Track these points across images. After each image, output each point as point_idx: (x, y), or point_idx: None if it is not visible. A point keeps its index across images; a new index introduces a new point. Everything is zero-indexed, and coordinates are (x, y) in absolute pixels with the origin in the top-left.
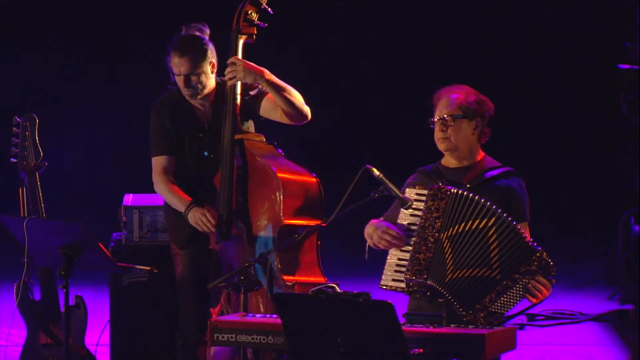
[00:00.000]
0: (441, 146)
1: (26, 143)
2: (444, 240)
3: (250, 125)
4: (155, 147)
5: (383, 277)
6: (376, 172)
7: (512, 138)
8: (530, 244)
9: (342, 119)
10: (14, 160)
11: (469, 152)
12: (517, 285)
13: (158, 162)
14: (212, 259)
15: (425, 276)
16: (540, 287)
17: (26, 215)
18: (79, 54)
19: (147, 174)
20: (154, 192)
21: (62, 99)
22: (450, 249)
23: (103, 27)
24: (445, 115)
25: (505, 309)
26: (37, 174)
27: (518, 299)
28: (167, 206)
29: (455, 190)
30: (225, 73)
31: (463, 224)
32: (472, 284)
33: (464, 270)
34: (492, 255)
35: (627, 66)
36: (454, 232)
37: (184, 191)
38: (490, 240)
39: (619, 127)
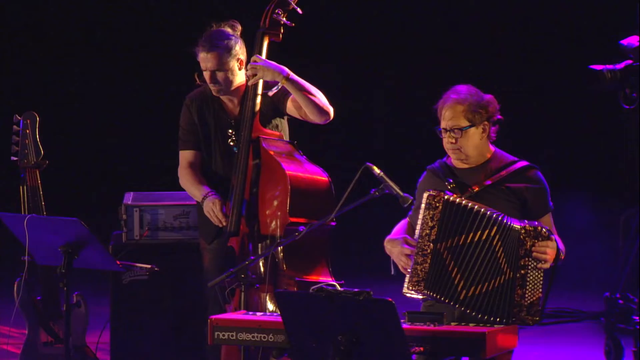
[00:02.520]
0: (452, 156)
1: (27, 141)
2: (442, 251)
3: (279, 123)
4: (182, 142)
5: (404, 284)
6: (377, 170)
7: (511, 137)
8: (516, 226)
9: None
10: (15, 158)
11: (479, 156)
12: (529, 268)
13: (184, 156)
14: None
15: (422, 287)
16: (542, 249)
17: (27, 213)
18: (79, 51)
19: (147, 173)
20: (154, 190)
21: (62, 97)
22: (452, 262)
23: (105, 23)
24: (453, 128)
25: (537, 293)
26: (37, 172)
27: (539, 277)
28: (198, 203)
29: (448, 198)
30: (247, 72)
31: (464, 236)
32: (497, 296)
33: (480, 285)
34: (500, 262)
35: (600, 67)
36: (454, 244)
37: (213, 184)
38: (497, 249)
39: (620, 126)
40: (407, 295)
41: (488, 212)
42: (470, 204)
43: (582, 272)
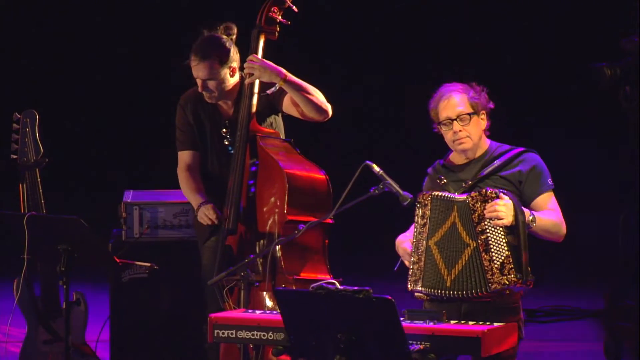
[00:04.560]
0: (459, 147)
1: (26, 139)
2: (432, 246)
3: (274, 121)
4: (179, 142)
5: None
6: (376, 168)
7: (510, 134)
8: (463, 197)
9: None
10: (15, 156)
11: (478, 147)
12: (487, 232)
13: (182, 158)
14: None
15: (420, 285)
16: (492, 209)
17: (26, 211)
18: (79, 49)
19: (147, 170)
20: (153, 188)
21: (62, 95)
22: (438, 254)
23: (104, 20)
24: (460, 114)
25: (504, 251)
26: (37, 170)
27: (500, 237)
28: None
29: (436, 194)
30: (244, 70)
31: (443, 226)
32: (470, 269)
33: (457, 266)
34: (463, 236)
35: (602, 64)
36: (439, 237)
37: (209, 185)
38: (457, 226)
39: (619, 124)
40: (416, 295)
41: (454, 197)
42: (452, 196)
43: (582, 270)
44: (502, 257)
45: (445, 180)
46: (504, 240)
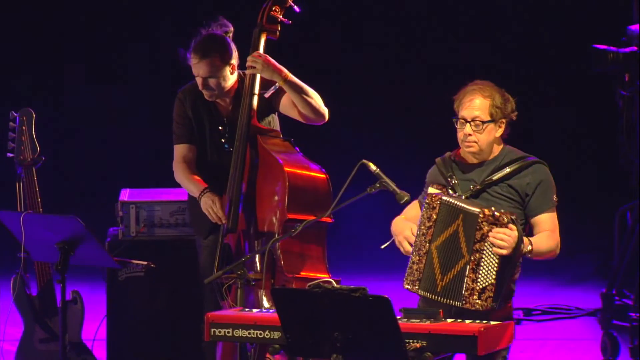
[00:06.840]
0: (466, 149)
1: (23, 138)
2: (433, 250)
3: (272, 120)
4: (176, 136)
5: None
6: (373, 166)
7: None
8: (475, 209)
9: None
10: (11, 155)
11: (489, 152)
12: (484, 252)
13: (178, 151)
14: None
15: (417, 287)
16: (500, 235)
17: (23, 210)
18: (75, 49)
19: (144, 169)
20: (150, 187)
21: (59, 93)
22: (437, 259)
23: (100, 21)
24: (475, 119)
25: (490, 279)
26: (33, 168)
27: (494, 263)
28: (190, 199)
29: (446, 200)
30: (247, 63)
31: (446, 232)
32: (457, 280)
33: (449, 273)
34: (461, 246)
35: (603, 46)
36: (440, 242)
37: (206, 179)
38: (459, 235)
39: (616, 122)
40: (408, 288)
41: (464, 205)
42: (462, 204)
43: (579, 268)
44: (487, 283)
45: (455, 181)
46: (494, 269)
